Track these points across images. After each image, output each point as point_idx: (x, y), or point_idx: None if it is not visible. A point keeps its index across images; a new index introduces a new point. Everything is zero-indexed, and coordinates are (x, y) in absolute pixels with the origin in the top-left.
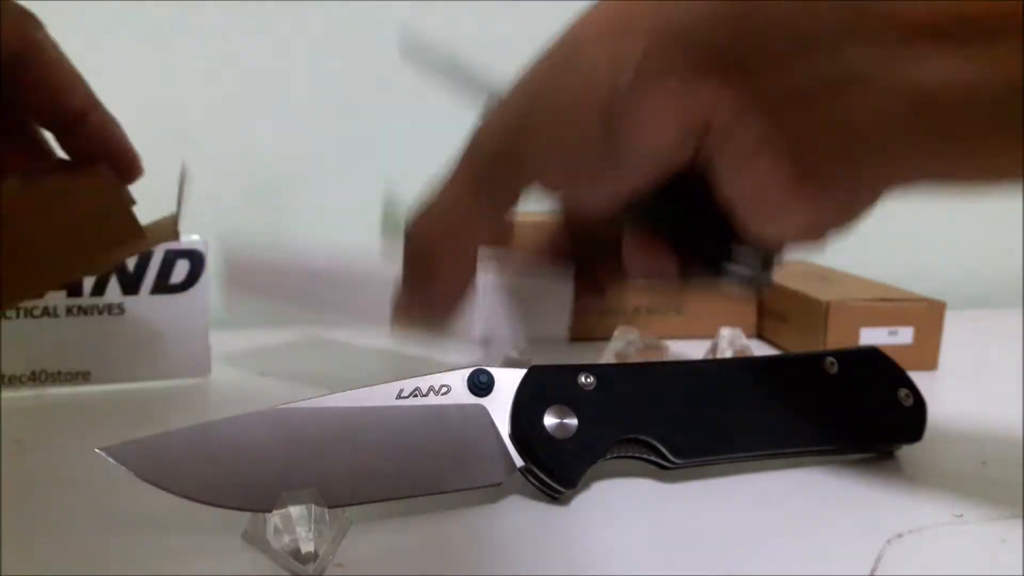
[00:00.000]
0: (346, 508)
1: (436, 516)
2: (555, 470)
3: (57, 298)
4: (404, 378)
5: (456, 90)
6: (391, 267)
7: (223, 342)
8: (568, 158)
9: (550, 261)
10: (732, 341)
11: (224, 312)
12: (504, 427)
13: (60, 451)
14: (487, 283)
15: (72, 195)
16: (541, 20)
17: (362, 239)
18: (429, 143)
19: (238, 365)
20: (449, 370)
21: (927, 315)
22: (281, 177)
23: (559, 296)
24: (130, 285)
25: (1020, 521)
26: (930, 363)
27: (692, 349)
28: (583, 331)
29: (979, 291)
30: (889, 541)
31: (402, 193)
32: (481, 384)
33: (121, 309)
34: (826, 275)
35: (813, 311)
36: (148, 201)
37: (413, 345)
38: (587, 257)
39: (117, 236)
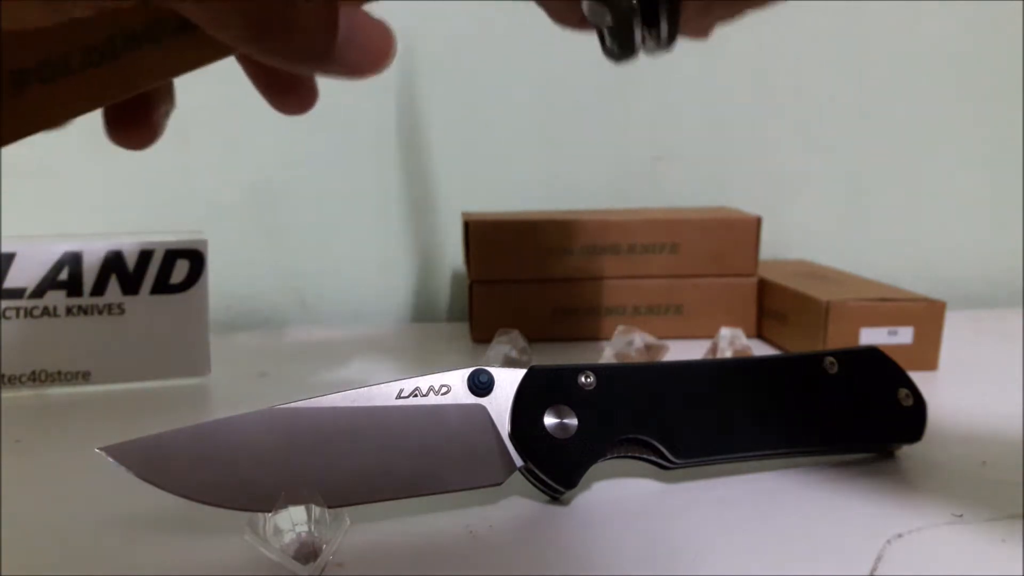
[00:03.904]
0: (346, 508)
1: (436, 516)
2: (555, 470)
3: (57, 298)
4: (404, 378)
5: None
6: None
7: (223, 342)
8: None
9: None
10: (732, 341)
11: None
12: (504, 427)
13: (60, 451)
14: None
15: None
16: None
17: (359, 238)
18: (425, 145)
19: (238, 365)
20: (449, 370)
21: (927, 315)
22: (281, 177)
23: None
24: (130, 285)
25: (1020, 521)
26: (930, 363)
27: (692, 349)
28: (583, 331)
29: (979, 291)
30: (889, 541)
31: (398, 195)
32: (481, 384)
33: (121, 309)
34: (826, 275)
35: (813, 311)
36: (149, 199)
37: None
38: None
39: None
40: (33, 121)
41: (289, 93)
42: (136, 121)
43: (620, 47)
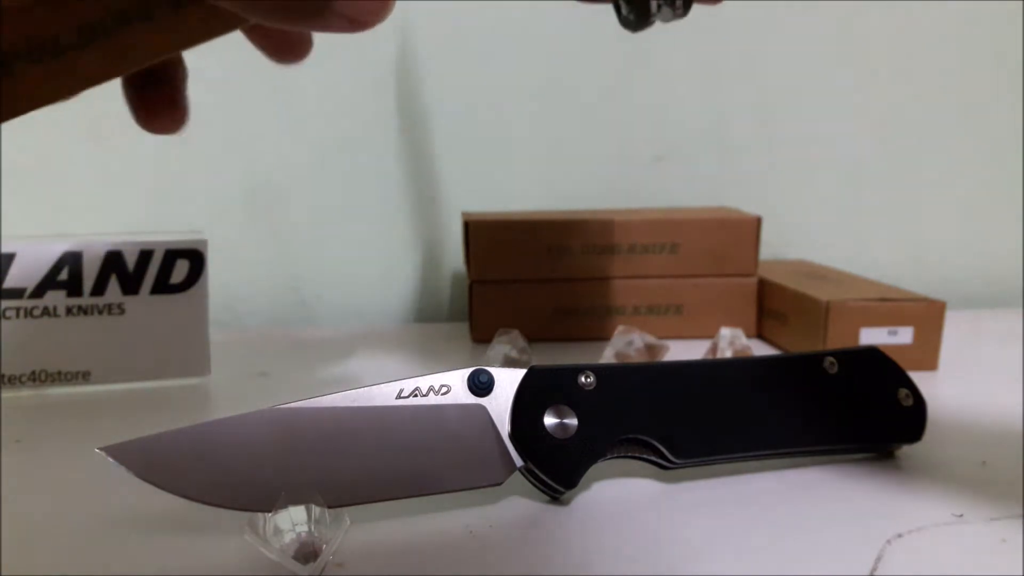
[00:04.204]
0: (346, 508)
1: (436, 516)
2: (555, 470)
3: (57, 298)
4: (404, 378)
5: None
6: None
7: (223, 342)
8: None
9: None
10: (732, 341)
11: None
12: (504, 427)
13: (60, 451)
14: None
15: None
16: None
17: (359, 238)
18: (426, 145)
19: (238, 365)
20: (449, 370)
21: (927, 315)
22: (281, 177)
23: None
24: (130, 285)
25: (1020, 521)
26: (930, 363)
27: (692, 349)
28: (583, 331)
29: (979, 291)
30: (889, 541)
31: (397, 194)
32: (481, 384)
33: (121, 309)
34: (826, 275)
35: (813, 311)
36: (149, 199)
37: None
38: None
39: None
40: (26, 100)
41: (283, 44)
42: (164, 104)
43: (636, 15)
